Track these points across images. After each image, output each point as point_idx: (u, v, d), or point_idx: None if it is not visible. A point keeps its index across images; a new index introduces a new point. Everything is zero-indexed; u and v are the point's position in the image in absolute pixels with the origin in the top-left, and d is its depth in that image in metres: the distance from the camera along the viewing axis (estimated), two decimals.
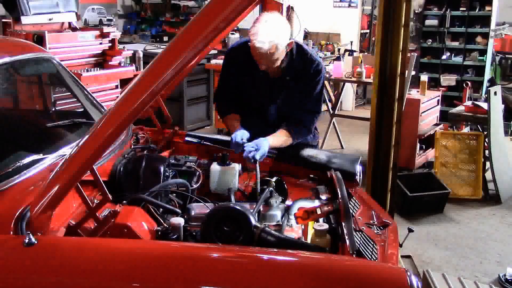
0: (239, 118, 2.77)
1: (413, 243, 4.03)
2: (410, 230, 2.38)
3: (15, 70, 2.66)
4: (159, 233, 1.92)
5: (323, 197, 2.32)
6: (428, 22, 7.59)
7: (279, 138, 2.65)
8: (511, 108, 7.11)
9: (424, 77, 5.89)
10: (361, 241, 2.01)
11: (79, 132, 2.46)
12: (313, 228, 1.99)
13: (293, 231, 2.10)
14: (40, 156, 2.12)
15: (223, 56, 3.54)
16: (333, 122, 6.57)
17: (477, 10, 7.31)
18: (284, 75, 2.68)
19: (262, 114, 2.81)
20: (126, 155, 2.42)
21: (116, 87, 5.49)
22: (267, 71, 2.63)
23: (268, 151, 2.50)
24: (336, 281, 1.52)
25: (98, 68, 5.39)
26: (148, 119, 2.83)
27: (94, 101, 2.80)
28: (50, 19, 5.20)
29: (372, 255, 1.95)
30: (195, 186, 2.36)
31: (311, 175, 2.61)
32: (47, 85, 3.05)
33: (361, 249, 1.90)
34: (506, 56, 8.65)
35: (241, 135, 2.55)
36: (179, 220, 1.94)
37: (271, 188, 2.28)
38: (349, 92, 8.32)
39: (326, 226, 1.96)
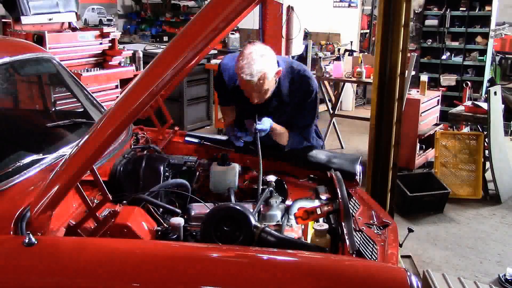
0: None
1: (413, 243, 4.03)
2: (410, 230, 2.38)
3: (15, 70, 2.66)
4: (159, 233, 1.92)
5: (323, 197, 2.32)
6: (428, 22, 7.58)
7: (282, 130, 2.67)
8: (511, 108, 7.10)
9: (424, 77, 5.88)
10: (361, 241, 2.01)
11: (79, 132, 2.46)
12: (313, 228, 1.99)
13: (293, 231, 2.10)
14: (40, 156, 2.12)
15: (222, 57, 3.54)
16: (333, 122, 6.57)
17: (477, 10, 7.30)
18: (270, 99, 2.60)
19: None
20: (126, 155, 2.42)
21: (116, 87, 5.50)
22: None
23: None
24: (336, 281, 1.52)
25: (98, 68, 5.40)
26: (148, 119, 2.83)
27: (94, 101, 2.80)
28: (50, 19, 5.21)
29: (372, 255, 1.95)
30: (195, 186, 2.36)
31: (311, 175, 2.61)
32: (47, 85, 3.05)
33: (361, 249, 1.90)
34: (506, 56, 8.63)
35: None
36: (179, 220, 1.95)
37: (271, 188, 2.29)
38: (349, 92, 8.31)
39: (326, 226, 1.96)
